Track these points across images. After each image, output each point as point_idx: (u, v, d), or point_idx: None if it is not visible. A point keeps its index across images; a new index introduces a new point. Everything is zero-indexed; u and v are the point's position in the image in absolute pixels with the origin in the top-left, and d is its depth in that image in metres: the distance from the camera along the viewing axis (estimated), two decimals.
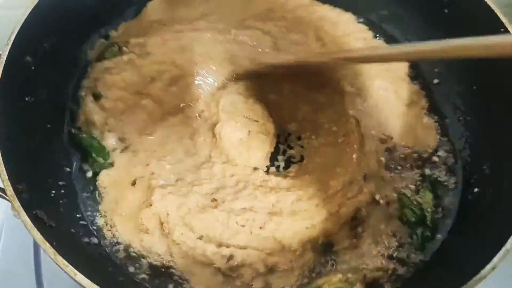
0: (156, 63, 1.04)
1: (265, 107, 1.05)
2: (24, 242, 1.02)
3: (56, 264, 0.71)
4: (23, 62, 0.91)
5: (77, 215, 0.92)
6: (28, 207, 0.75)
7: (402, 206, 0.92)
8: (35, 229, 0.72)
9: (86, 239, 0.88)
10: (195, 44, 1.05)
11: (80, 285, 0.69)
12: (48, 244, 0.71)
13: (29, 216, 0.74)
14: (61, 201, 0.90)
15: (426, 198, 0.94)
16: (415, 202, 0.93)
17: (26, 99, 0.90)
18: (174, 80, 1.03)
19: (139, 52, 1.05)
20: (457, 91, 1.05)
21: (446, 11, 1.04)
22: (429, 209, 0.92)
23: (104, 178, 0.95)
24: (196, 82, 1.04)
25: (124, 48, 1.07)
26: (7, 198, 0.76)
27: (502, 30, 0.91)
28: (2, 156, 0.78)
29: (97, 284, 0.69)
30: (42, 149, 0.92)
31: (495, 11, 0.92)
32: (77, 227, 0.89)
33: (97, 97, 1.02)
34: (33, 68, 0.92)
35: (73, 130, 1.00)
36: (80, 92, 1.04)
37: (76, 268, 0.69)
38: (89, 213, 0.93)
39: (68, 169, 0.96)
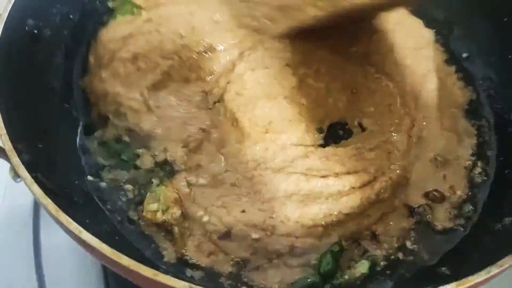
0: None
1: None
2: (23, 211, 0.98)
3: (58, 222, 0.63)
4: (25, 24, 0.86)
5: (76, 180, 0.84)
6: (28, 167, 0.68)
7: None
8: (35, 185, 0.64)
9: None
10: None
11: (86, 244, 0.60)
12: (49, 200, 0.63)
13: (29, 173, 0.66)
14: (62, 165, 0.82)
15: None
16: None
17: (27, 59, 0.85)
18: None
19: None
20: None
21: None
22: None
23: None
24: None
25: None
26: (4, 155, 0.68)
27: None
28: (2, 115, 0.71)
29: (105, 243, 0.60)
30: (46, 113, 0.86)
31: None
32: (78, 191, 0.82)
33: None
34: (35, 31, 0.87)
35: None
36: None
37: (81, 225, 0.61)
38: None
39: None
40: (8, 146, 0.68)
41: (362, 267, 0.78)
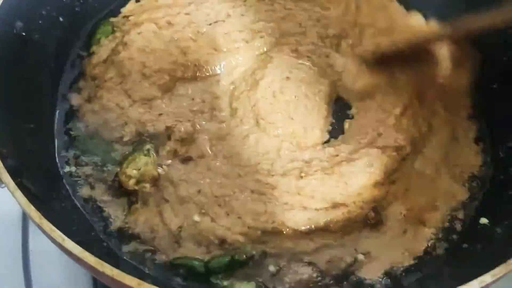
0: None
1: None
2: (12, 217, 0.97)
3: (41, 230, 0.61)
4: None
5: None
6: (12, 173, 0.66)
7: None
8: (19, 191, 0.63)
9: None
10: None
11: (69, 252, 0.59)
12: (32, 207, 0.61)
13: (12, 178, 0.64)
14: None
15: None
16: None
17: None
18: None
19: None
20: None
21: None
22: None
23: None
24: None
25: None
26: None
27: None
28: None
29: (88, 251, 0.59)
30: (33, 117, 0.85)
31: None
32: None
33: None
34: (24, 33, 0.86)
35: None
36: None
37: (64, 234, 0.59)
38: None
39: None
40: None
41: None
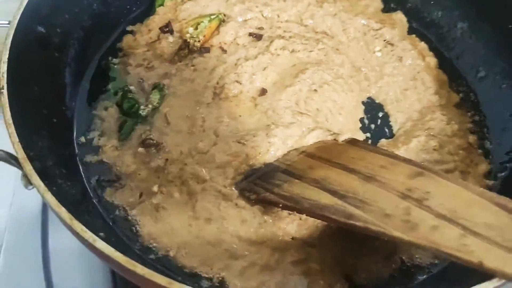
0: None
1: None
2: (32, 216, 0.99)
3: (71, 230, 0.63)
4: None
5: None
6: (41, 175, 0.68)
7: None
8: (49, 193, 0.65)
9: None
10: None
11: (100, 252, 0.61)
12: (63, 209, 0.63)
13: (42, 181, 0.66)
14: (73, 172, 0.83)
15: None
16: None
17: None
18: None
19: None
20: None
21: None
22: None
23: None
24: None
25: None
26: (17, 163, 0.68)
27: None
28: (14, 124, 0.71)
29: (120, 251, 0.60)
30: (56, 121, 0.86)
31: None
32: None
33: None
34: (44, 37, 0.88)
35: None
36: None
37: (95, 234, 0.61)
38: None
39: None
40: (21, 154, 0.68)
41: None
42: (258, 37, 1.04)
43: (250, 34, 1.05)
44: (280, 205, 0.74)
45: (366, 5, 1.16)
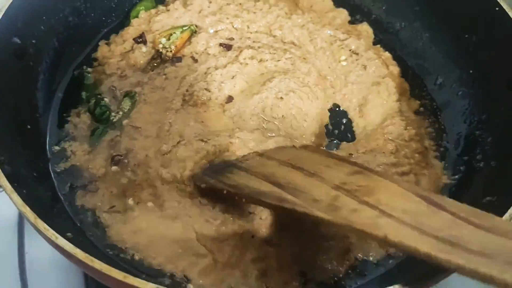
0: None
1: None
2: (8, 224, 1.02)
3: (36, 229, 0.67)
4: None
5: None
6: (10, 178, 0.72)
7: None
8: (15, 193, 0.69)
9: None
10: None
11: (62, 249, 0.65)
12: (28, 208, 0.67)
13: (9, 182, 0.70)
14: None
15: None
16: None
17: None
18: None
19: None
20: None
21: None
22: None
23: None
24: None
25: None
26: None
27: None
28: None
29: (80, 248, 0.64)
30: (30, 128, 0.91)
31: None
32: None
33: None
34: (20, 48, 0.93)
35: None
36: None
37: (57, 232, 0.65)
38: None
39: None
40: None
41: None
42: (228, 47, 1.09)
43: (221, 45, 1.10)
44: (224, 191, 0.79)
45: (334, 17, 1.21)
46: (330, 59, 1.13)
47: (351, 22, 1.22)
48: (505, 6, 0.94)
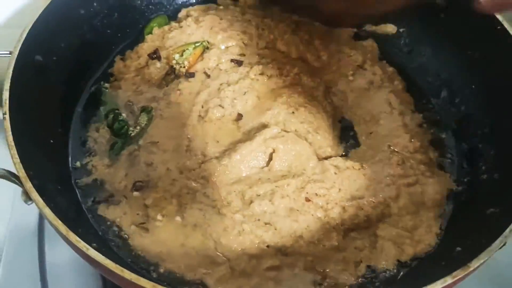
0: None
1: None
2: (29, 231, 1.06)
3: (67, 241, 0.71)
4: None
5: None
6: (39, 192, 0.76)
7: None
8: (47, 208, 0.73)
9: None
10: None
11: (92, 260, 0.69)
12: (60, 222, 0.71)
13: (41, 197, 0.74)
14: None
15: None
16: None
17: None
18: None
19: None
20: None
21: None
22: None
23: None
24: None
25: None
26: (18, 180, 0.76)
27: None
28: (15, 145, 0.79)
29: (110, 259, 0.68)
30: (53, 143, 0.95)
31: None
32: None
33: None
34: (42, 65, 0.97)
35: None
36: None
37: (88, 244, 0.69)
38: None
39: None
40: (22, 173, 0.76)
41: None
42: (239, 63, 1.14)
43: (232, 61, 1.14)
44: None
45: (338, 33, 1.25)
46: (337, 74, 1.17)
47: (357, 38, 1.26)
48: (506, 24, 0.98)
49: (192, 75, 1.11)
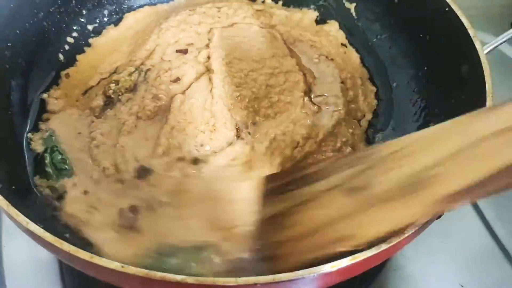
0: None
1: None
2: None
3: (8, 216, 0.71)
4: None
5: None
6: None
7: None
8: None
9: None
10: None
11: (33, 234, 0.69)
12: (1, 196, 0.71)
13: None
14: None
15: None
16: None
17: None
18: None
19: None
20: None
21: None
22: None
23: None
24: None
25: None
26: None
27: None
28: None
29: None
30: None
31: None
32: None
33: None
34: None
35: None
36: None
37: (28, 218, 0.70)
38: None
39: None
40: None
41: None
42: (184, 51, 1.12)
43: (177, 51, 1.12)
44: None
45: (300, 18, 1.26)
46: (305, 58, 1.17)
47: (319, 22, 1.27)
48: (454, 7, 1.00)
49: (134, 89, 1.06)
